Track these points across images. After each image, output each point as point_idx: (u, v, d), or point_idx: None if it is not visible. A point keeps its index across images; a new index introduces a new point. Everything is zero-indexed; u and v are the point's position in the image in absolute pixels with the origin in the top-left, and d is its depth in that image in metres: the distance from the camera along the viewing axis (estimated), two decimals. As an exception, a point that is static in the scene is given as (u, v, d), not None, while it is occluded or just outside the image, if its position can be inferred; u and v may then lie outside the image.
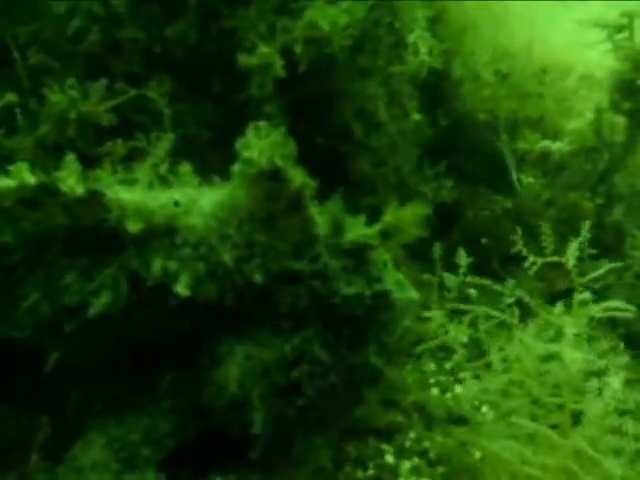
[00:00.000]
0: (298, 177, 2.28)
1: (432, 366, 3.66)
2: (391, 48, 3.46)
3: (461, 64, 4.53)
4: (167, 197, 2.33)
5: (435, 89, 4.09)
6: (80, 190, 2.21)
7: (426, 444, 3.18)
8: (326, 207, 2.42)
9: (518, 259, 3.28)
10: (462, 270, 3.26)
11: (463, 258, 3.30)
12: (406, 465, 3.04)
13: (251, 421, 2.44)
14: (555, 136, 4.93)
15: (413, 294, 2.62)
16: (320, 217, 2.41)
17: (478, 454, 3.07)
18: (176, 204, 2.31)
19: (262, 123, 2.29)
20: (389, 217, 2.37)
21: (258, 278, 2.31)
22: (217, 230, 2.32)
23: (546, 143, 4.84)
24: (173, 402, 2.57)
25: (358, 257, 2.46)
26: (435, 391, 3.51)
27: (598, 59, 4.75)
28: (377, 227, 2.40)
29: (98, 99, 2.80)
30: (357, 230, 2.44)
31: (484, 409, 3.41)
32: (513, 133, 4.86)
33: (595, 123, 4.61)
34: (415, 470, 3.05)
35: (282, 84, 3.14)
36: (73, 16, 3.11)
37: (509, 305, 3.21)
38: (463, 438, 3.18)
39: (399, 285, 2.58)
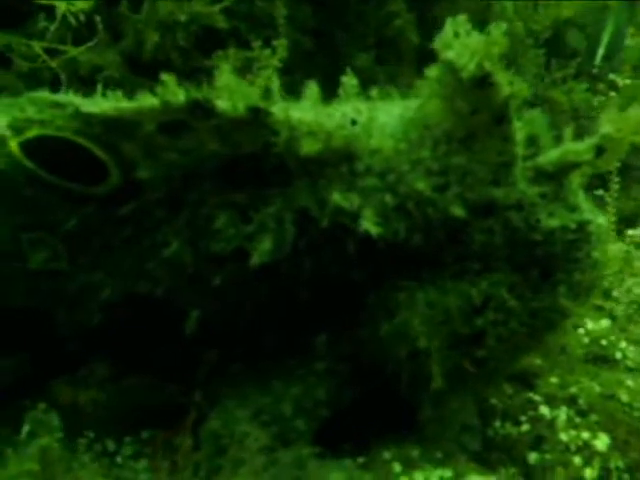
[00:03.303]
0: (507, 83, 1.80)
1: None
2: None
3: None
4: (340, 114, 1.83)
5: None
6: (241, 108, 1.70)
7: (572, 390, 2.79)
8: (524, 121, 1.95)
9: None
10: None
11: None
12: (562, 417, 2.64)
13: (424, 376, 2.02)
14: None
15: (603, 221, 2.20)
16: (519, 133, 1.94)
17: (625, 397, 2.73)
18: (354, 123, 1.82)
19: (461, 17, 1.80)
20: (608, 127, 1.90)
21: (457, 211, 1.86)
22: (408, 154, 1.84)
23: None
24: (329, 364, 2.14)
25: (557, 181, 2.01)
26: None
27: None
28: (592, 141, 1.93)
29: (209, -3, 2.21)
30: (562, 147, 1.98)
31: (622, 344, 3.06)
32: None
33: None
34: (569, 422, 2.67)
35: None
36: None
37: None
38: (608, 379, 2.83)
39: (593, 212, 2.15)
